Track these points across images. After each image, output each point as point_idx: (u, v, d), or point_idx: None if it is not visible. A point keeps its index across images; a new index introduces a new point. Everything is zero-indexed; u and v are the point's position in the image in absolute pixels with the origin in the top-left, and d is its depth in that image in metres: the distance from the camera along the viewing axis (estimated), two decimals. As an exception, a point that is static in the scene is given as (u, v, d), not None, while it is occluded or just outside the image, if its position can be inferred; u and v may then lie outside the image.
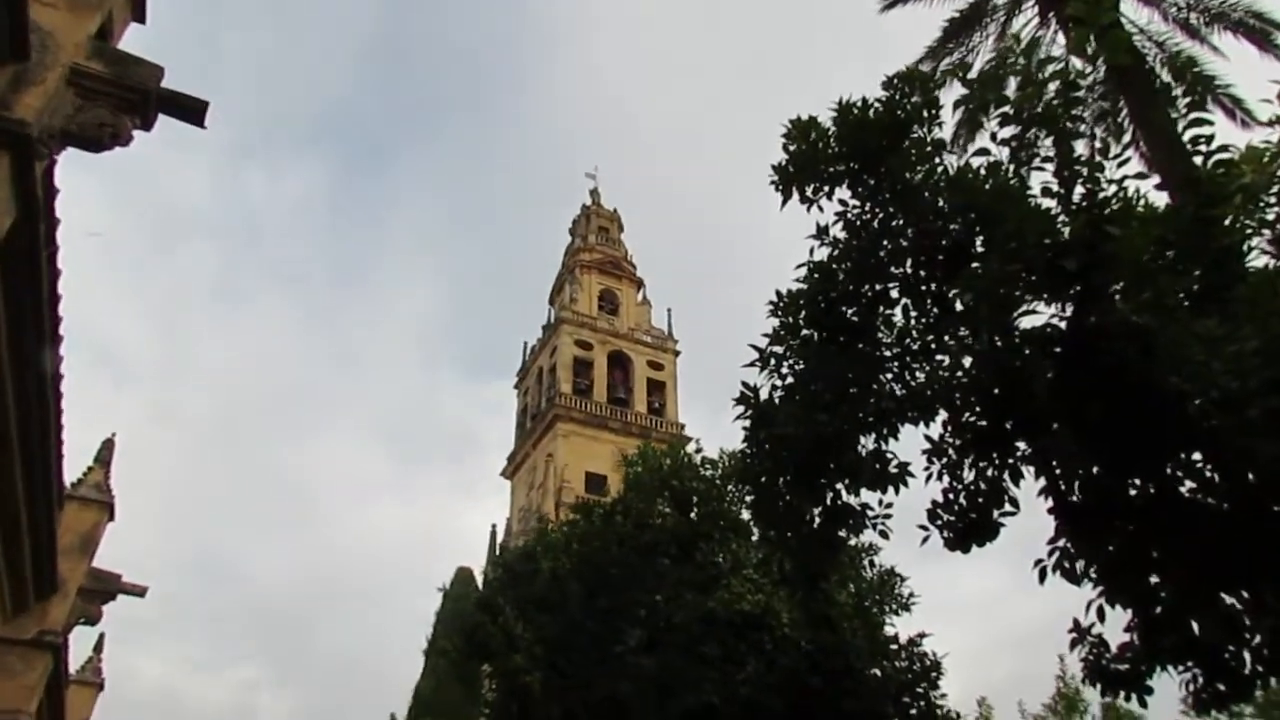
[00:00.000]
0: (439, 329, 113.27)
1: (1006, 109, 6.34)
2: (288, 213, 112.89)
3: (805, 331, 6.97)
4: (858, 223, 7.06)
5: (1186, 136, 5.94)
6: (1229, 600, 5.45)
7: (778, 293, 7.10)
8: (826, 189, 7.33)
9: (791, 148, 7.26)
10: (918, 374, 6.66)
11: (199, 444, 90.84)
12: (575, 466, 38.32)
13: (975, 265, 6.31)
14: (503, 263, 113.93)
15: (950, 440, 6.46)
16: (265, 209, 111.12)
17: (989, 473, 6.34)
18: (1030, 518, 6.44)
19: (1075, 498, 5.96)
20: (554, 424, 39.44)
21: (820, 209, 7.40)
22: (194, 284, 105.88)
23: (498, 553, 37.51)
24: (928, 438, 6.52)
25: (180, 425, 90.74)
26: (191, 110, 5.39)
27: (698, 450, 16.16)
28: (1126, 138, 10.10)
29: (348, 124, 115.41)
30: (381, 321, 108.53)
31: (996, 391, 6.00)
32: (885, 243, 6.85)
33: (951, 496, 6.49)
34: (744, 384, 6.76)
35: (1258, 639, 5.34)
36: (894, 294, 6.92)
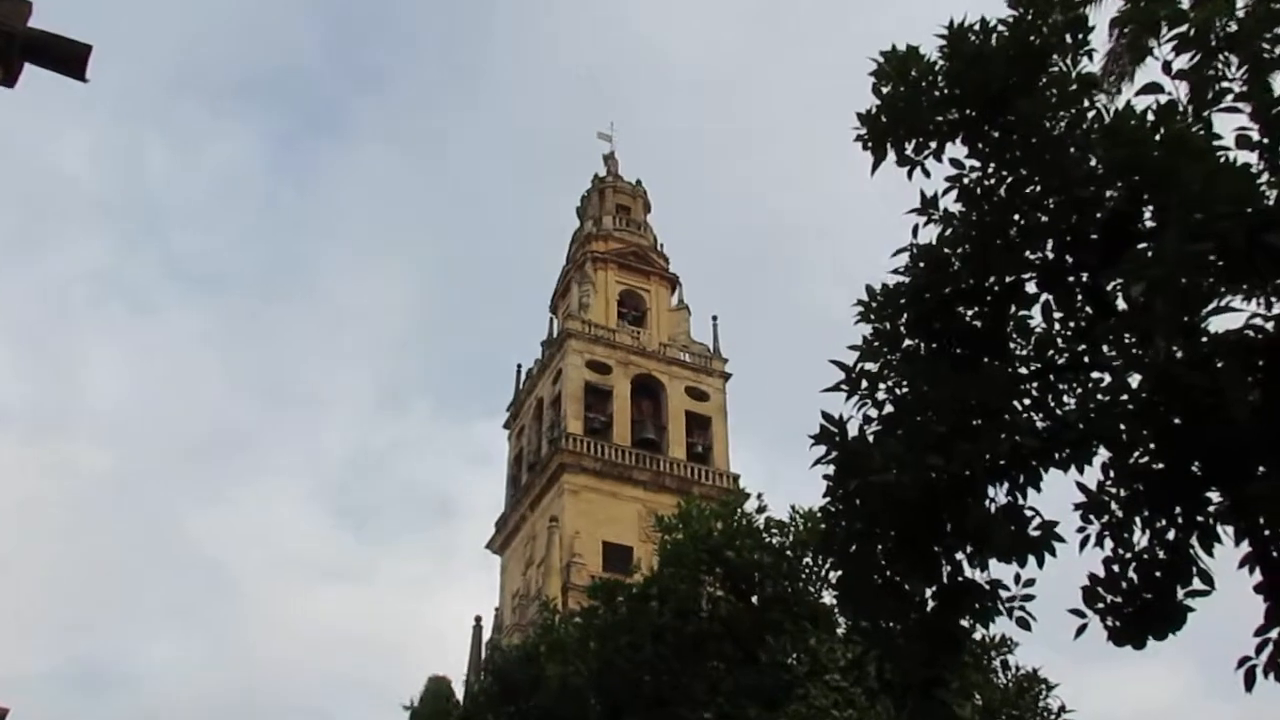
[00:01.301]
0: (405, 351, 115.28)
1: (1183, 29, 6.32)
2: (204, 195, 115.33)
3: (909, 341, 6.97)
4: (978, 190, 7.08)
5: None
6: None
7: (869, 290, 7.13)
8: (934, 145, 7.37)
9: (885, 90, 7.31)
10: (1066, 398, 6.63)
11: (79, 508, 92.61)
12: (589, 534, 38.56)
13: (1144, 246, 6.27)
14: (490, 259, 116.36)
15: (1114, 490, 6.40)
16: (172, 190, 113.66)
17: (1169, 535, 6.25)
18: (1229, 597, 6.35)
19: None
20: (559, 476, 39.80)
21: (926, 173, 7.44)
22: (75, 288, 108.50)
23: (485, 654, 37.73)
24: (1082, 487, 6.46)
25: (57, 481, 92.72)
26: (68, 58, 5.37)
27: (760, 509, 16.11)
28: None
29: (287, 80, 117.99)
30: (329, 342, 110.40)
31: (1178, 421, 5.94)
32: (1017, 217, 6.85)
33: (1117, 569, 6.41)
34: (825, 415, 6.76)
35: None
36: (1031, 288, 6.91)
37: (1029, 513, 6.50)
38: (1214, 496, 6.08)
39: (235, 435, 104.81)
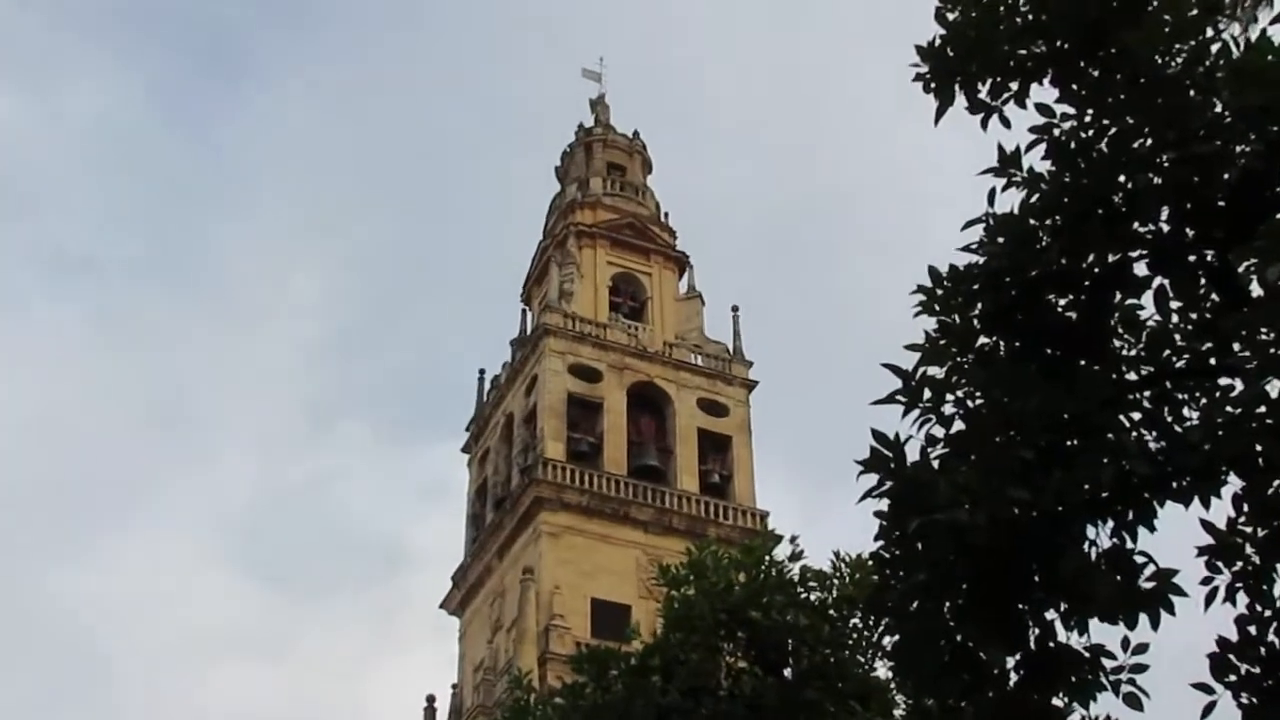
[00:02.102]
0: (334, 356, 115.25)
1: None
2: (68, 158, 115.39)
3: (984, 339, 7.01)
4: (1072, 144, 7.13)
5: None
6: None
7: (933, 273, 7.18)
8: (1015, 87, 7.43)
9: (952, 16, 7.36)
10: (1187, 412, 6.67)
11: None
12: (574, 589, 38.63)
13: (1285, 215, 6.33)
14: (443, 236, 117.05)
15: (1248, 529, 6.43)
16: (26, 149, 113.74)
17: (1321, 586, 6.31)
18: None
19: None
20: (534, 515, 39.88)
21: (1005, 122, 7.50)
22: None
23: (439, 745, 37.72)
24: (1207, 525, 6.50)
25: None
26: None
27: (794, 556, 16.14)
28: None
29: (178, 7, 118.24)
30: (234, 346, 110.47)
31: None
32: (1123, 179, 6.90)
33: (1254, 630, 6.44)
34: (876, 435, 6.80)
35: None
36: (1140, 269, 6.95)
37: (1139, 559, 6.54)
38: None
39: (112, 467, 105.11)
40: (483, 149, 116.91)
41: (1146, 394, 6.73)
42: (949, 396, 6.86)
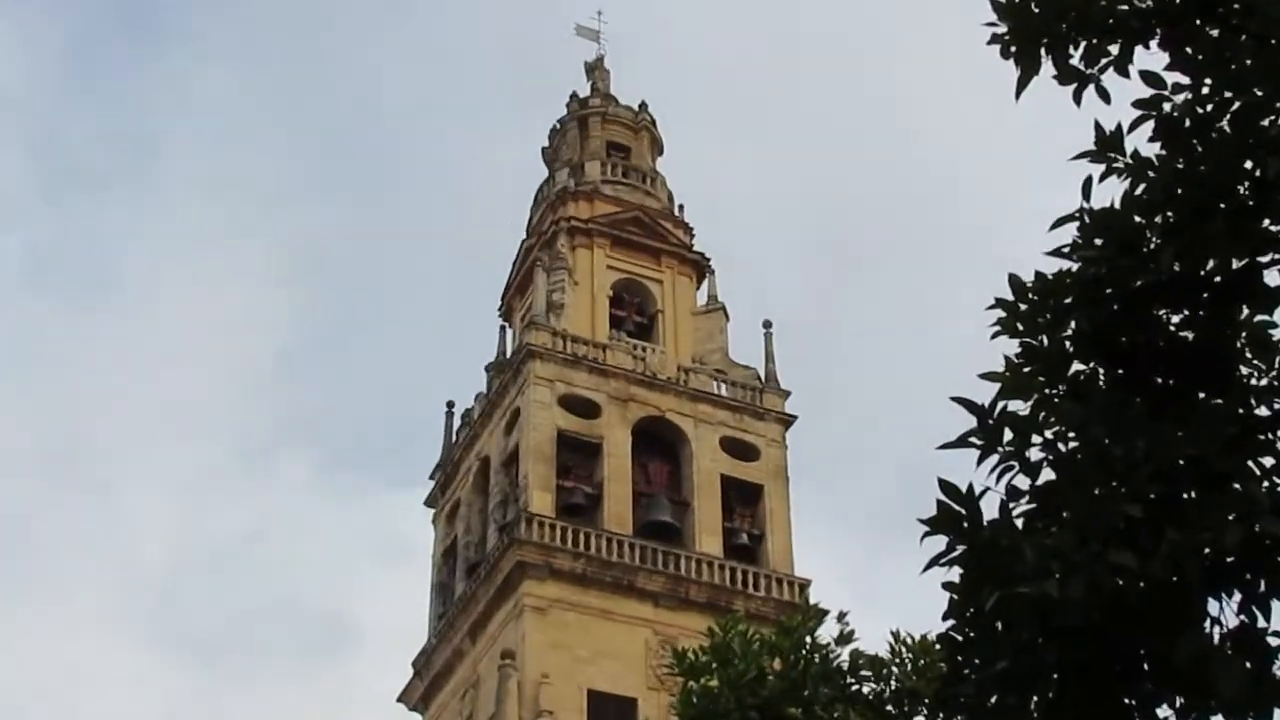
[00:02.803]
0: (268, 383, 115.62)
1: None
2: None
3: (1079, 366, 7.04)
4: (1187, 122, 7.16)
5: None
6: None
7: (1014, 283, 7.21)
8: (1116, 50, 7.46)
9: (1037, -37, 7.43)
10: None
11: None
12: (566, 678, 38.56)
13: None
14: (402, 234, 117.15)
15: None
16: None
17: None
18: None
19: None
20: (516, 584, 39.90)
21: (1104, 94, 7.52)
22: None
23: None
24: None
25: None
26: None
27: (842, 637, 16.09)
28: None
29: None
30: (150, 367, 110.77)
31: None
32: (1250, 166, 6.93)
33: None
34: (944, 485, 6.82)
35: None
36: (1272, 277, 6.98)
37: (1273, 641, 6.55)
38: None
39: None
40: (451, 125, 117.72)
41: (1281, 435, 6.75)
42: (1035, 438, 6.87)
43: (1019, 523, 6.77)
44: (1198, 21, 7.29)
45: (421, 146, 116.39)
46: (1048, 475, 6.86)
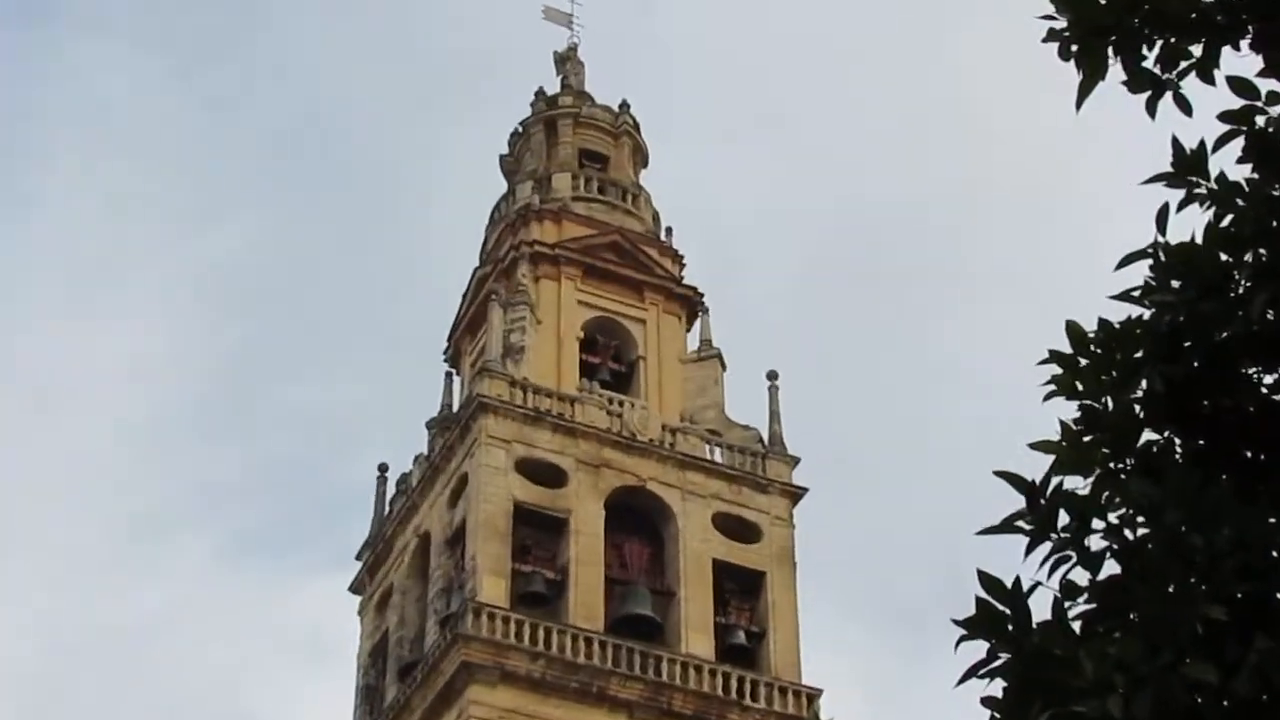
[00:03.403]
0: (168, 441, 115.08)
1: None
2: None
3: (1150, 435, 7.01)
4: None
5: None
6: None
7: (1073, 331, 7.20)
8: (1199, 51, 7.46)
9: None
10: None
11: None
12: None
13: None
14: (328, 260, 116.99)
15: None
16: None
17: None
18: None
19: None
20: (460, 690, 39.39)
21: (1184, 105, 7.51)
22: None
23: None
24: None
25: None
26: None
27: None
28: None
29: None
30: (19, 423, 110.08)
31: None
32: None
33: None
34: (985, 579, 6.80)
35: None
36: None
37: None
38: None
39: None
40: (390, 127, 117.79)
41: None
42: (1097, 523, 6.85)
43: (1076, 626, 6.74)
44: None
45: (356, 153, 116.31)
46: (1111, 568, 6.83)
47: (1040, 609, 6.77)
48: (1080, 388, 7.11)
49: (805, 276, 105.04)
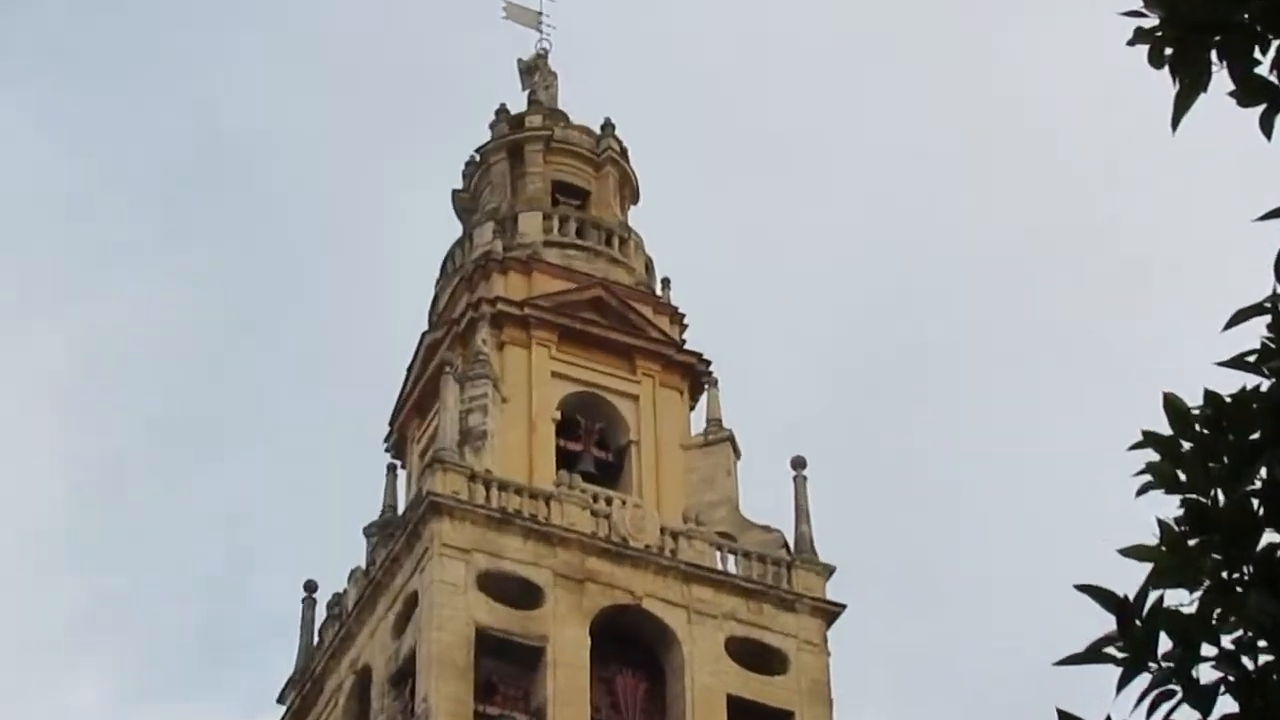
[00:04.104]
0: (45, 554, 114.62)
1: None
2: None
3: (1272, 538, 7.01)
4: None
5: None
6: None
7: (1172, 405, 7.21)
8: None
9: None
10: None
11: None
12: None
13: None
14: (238, 316, 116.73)
15: None
16: None
17: None
18: None
19: None
20: None
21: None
22: None
23: None
24: None
25: None
26: None
27: None
28: None
29: None
30: None
31: None
32: None
33: None
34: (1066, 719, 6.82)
35: None
36: None
37: None
38: None
39: None
40: (317, 154, 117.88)
41: None
42: (1207, 648, 6.86)
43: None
44: None
45: (269, 190, 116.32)
46: (1226, 706, 6.83)
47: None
48: (1183, 478, 7.11)
49: (837, 340, 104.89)
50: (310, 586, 47.37)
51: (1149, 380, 7.32)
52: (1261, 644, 6.83)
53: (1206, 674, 6.84)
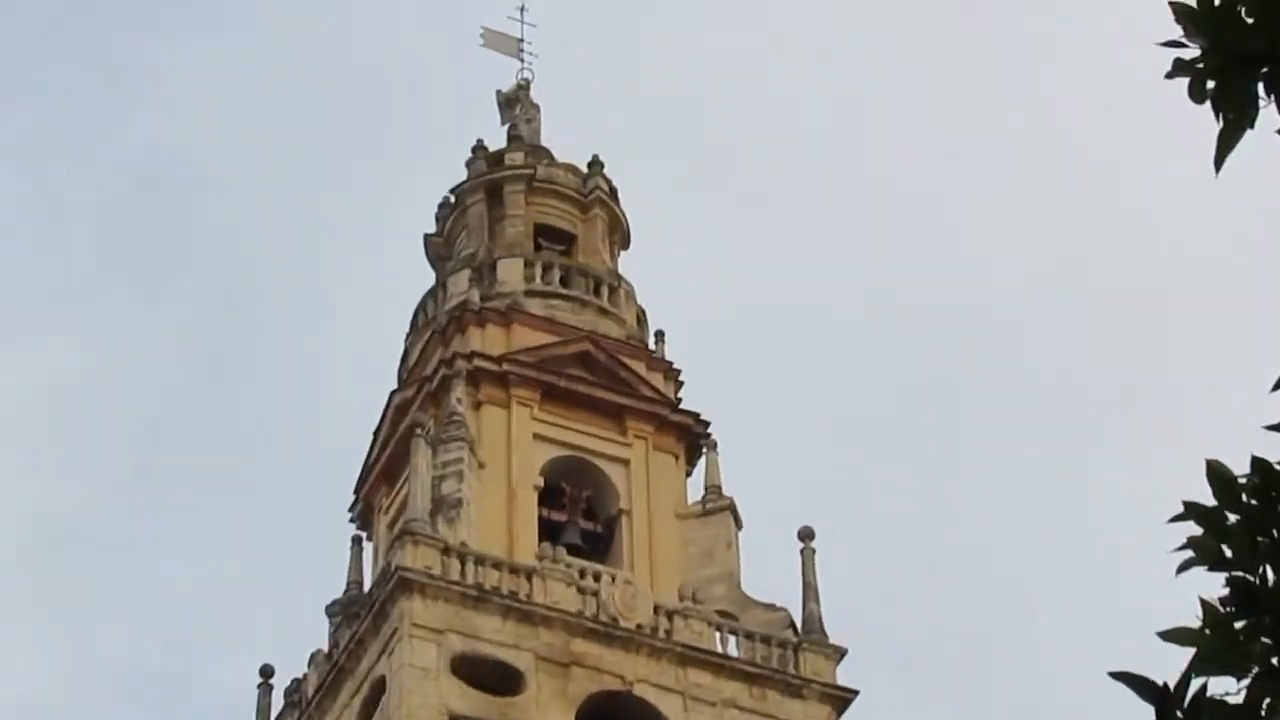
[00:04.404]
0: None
1: None
2: None
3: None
4: None
5: None
6: None
7: (1217, 474, 7.22)
8: None
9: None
10: None
11: None
12: None
13: None
14: (187, 376, 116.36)
15: None
16: None
17: None
18: None
19: None
20: None
21: None
22: None
23: None
24: None
25: None
26: None
27: None
28: None
29: None
30: None
31: None
32: None
33: None
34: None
35: None
36: None
37: None
38: None
39: None
40: (268, 193, 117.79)
41: None
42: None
43: None
44: None
45: (224, 229, 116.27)
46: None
47: None
48: (1229, 553, 7.12)
49: (848, 400, 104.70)
50: (266, 671, 47.16)
51: (1191, 445, 7.28)
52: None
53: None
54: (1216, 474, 7.14)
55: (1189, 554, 7.08)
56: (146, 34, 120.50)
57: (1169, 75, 7.50)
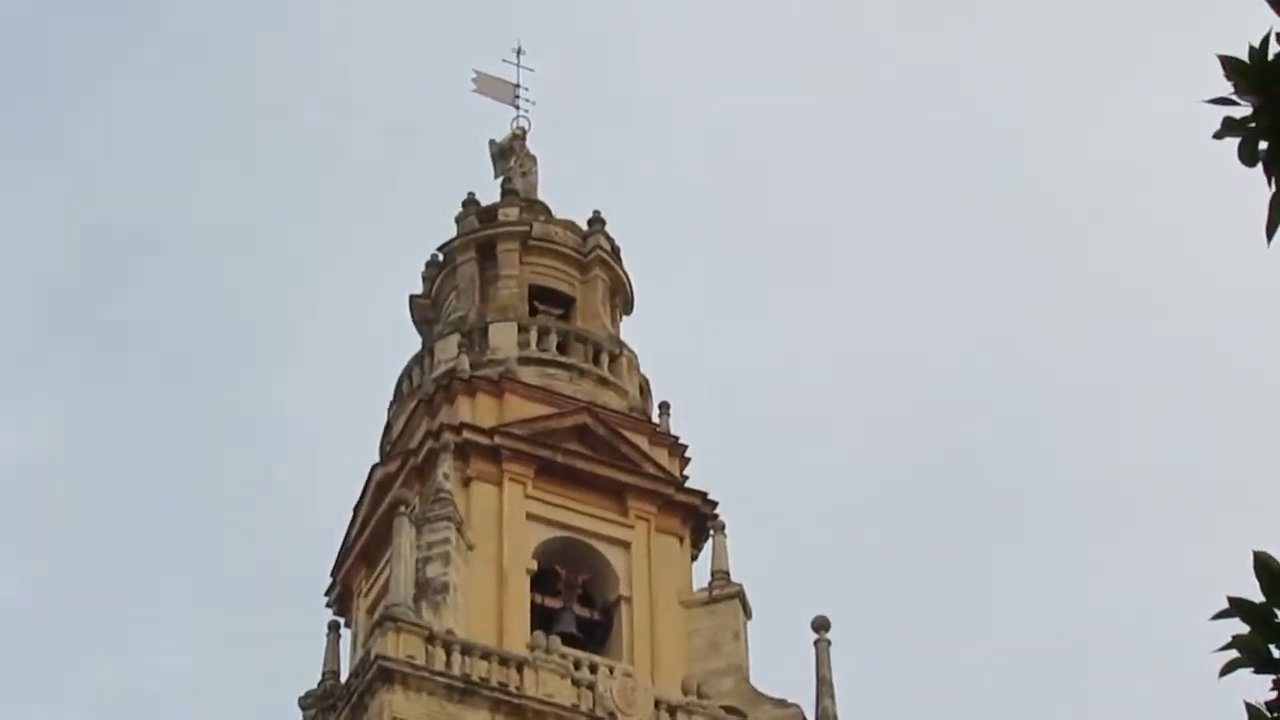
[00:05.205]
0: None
1: None
2: None
3: None
4: None
5: None
6: None
7: (1266, 567, 7.23)
8: None
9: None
10: None
11: None
12: None
13: None
14: (139, 446, 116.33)
15: None
16: None
17: None
18: None
19: None
20: None
21: None
22: None
23: None
24: None
25: None
26: None
27: None
28: None
29: None
30: None
31: None
32: None
33: None
34: None
35: None
36: None
37: None
38: None
39: None
40: (242, 250, 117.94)
41: None
42: None
43: None
44: None
45: (189, 291, 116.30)
46: None
47: None
48: (1276, 654, 7.11)
49: (868, 478, 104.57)
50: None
51: (1235, 536, 7.24)
52: None
53: None
54: (1264, 567, 7.12)
55: (1234, 654, 7.07)
56: (101, 85, 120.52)
57: (1218, 135, 7.45)
